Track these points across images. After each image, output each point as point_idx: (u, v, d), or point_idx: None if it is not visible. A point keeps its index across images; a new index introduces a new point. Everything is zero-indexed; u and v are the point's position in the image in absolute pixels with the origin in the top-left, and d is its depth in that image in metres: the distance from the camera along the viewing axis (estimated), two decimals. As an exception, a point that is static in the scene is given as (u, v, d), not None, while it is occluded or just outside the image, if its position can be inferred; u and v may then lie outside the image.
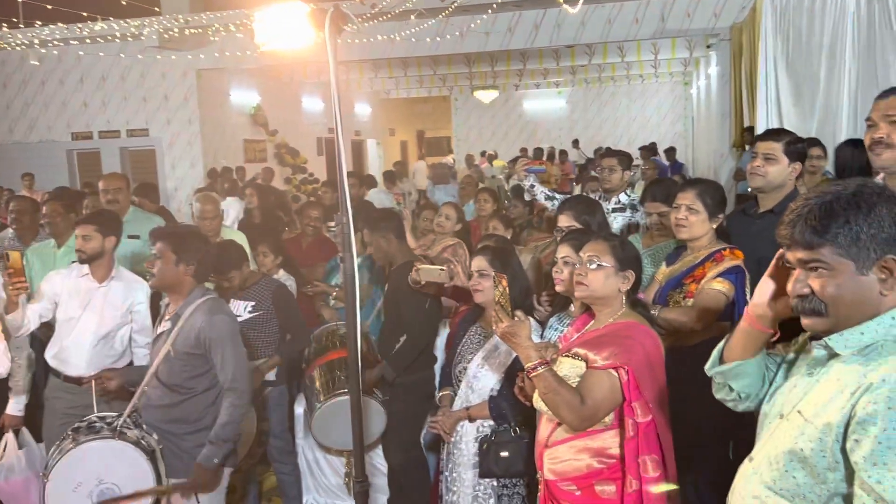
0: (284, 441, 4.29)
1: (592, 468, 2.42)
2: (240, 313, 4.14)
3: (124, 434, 3.17)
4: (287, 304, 4.25)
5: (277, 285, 4.29)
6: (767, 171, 3.21)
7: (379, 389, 3.95)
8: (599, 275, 2.49)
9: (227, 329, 3.22)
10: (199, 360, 3.22)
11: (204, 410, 3.25)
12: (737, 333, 1.76)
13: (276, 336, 4.21)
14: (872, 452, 1.33)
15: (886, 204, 1.44)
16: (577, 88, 19.50)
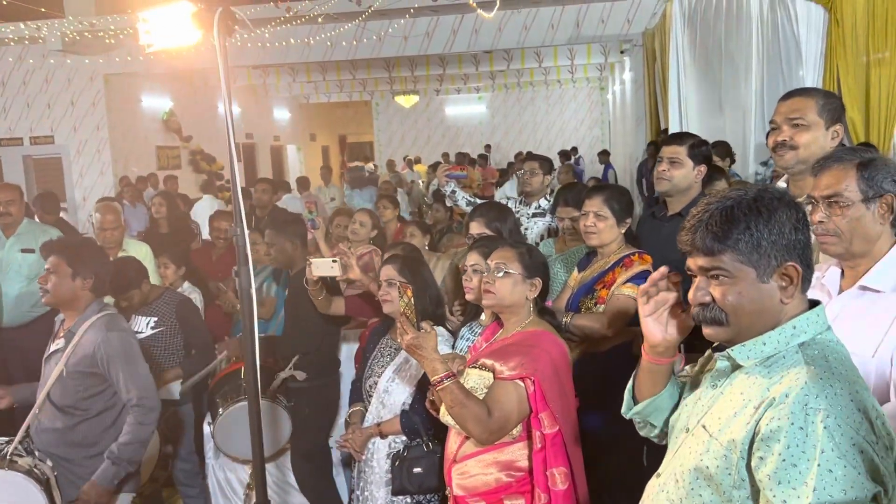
0: (192, 463, 4.12)
1: (501, 482, 2.36)
2: (142, 329, 3.98)
3: (14, 462, 2.98)
4: (191, 318, 4.11)
5: (181, 299, 4.14)
6: (673, 175, 3.24)
7: (283, 395, 3.85)
8: (507, 282, 2.44)
9: (126, 346, 3.07)
10: (94, 379, 3.04)
11: (101, 434, 3.07)
12: (641, 373, 1.73)
13: (180, 352, 4.07)
14: (776, 470, 1.29)
15: (787, 210, 1.42)
16: (496, 93, 19.65)
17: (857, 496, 1.23)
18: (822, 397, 1.29)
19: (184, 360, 4.06)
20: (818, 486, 1.24)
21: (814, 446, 1.26)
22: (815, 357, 1.37)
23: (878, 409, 1.34)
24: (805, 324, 1.42)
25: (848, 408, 1.28)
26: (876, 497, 1.26)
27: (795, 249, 1.41)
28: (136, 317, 4.00)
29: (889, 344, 1.79)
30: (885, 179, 1.88)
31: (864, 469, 1.25)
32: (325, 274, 3.42)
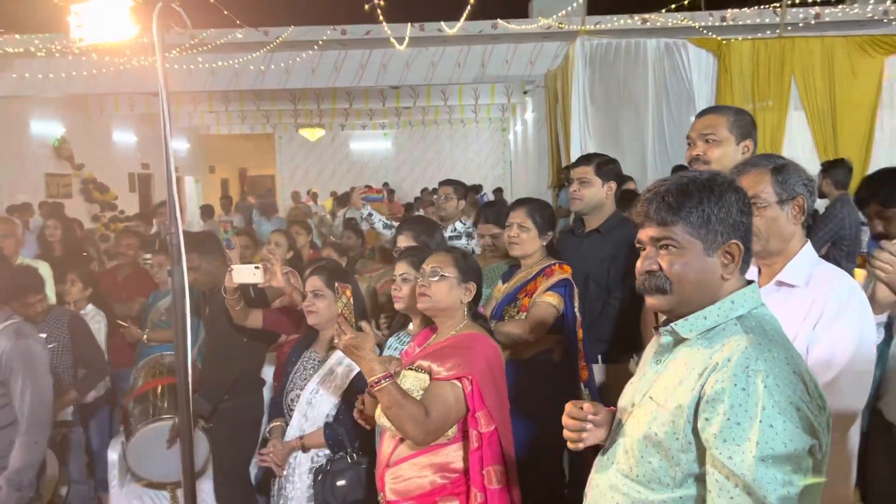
0: (86, 486, 3.95)
1: (436, 484, 2.36)
2: None
3: None
4: (83, 335, 4.01)
5: (72, 315, 4.04)
6: (583, 195, 3.41)
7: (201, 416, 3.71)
8: (443, 286, 2.48)
9: (35, 354, 2.92)
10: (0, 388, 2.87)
11: (5, 449, 2.87)
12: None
13: (70, 370, 3.94)
14: (722, 429, 1.37)
15: (735, 193, 1.53)
16: (402, 130, 19.85)
17: (796, 448, 1.34)
18: (762, 360, 1.39)
19: (77, 380, 3.92)
20: (761, 441, 1.33)
21: (755, 404, 1.35)
22: (752, 327, 1.47)
23: (811, 373, 1.45)
24: (742, 299, 1.53)
25: (785, 370, 1.38)
26: (811, 450, 1.37)
27: (739, 230, 1.52)
28: None
29: (804, 334, 1.94)
30: (798, 183, 2.05)
31: (800, 424, 1.35)
32: (246, 281, 3.32)
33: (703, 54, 7.84)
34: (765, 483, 1.33)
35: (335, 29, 10.55)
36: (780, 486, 1.33)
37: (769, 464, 1.33)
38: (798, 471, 1.34)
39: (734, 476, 1.35)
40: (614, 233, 3.35)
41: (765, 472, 1.33)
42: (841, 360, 1.93)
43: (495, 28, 10.22)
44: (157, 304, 4.77)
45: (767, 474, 1.33)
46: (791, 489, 1.33)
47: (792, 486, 1.33)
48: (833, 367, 1.92)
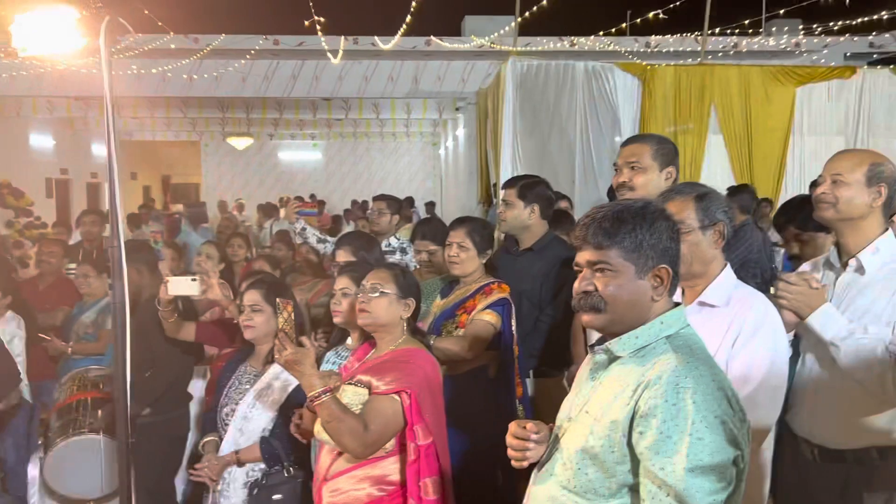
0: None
1: (373, 497, 2.42)
2: None
3: None
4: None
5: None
6: (507, 216, 3.58)
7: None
8: (382, 302, 2.54)
9: None
10: None
11: None
12: None
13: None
14: (654, 443, 1.49)
15: (666, 221, 1.66)
16: (332, 142, 19.76)
17: (721, 459, 1.47)
18: (690, 378, 1.51)
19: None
20: (690, 453, 1.46)
21: (685, 419, 1.47)
22: (680, 346, 1.60)
23: (733, 389, 1.58)
24: (671, 319, 1.65)
25: (710, 386, 1.51)
26: (735, 461, 1.50)
27: (668, 255, 1.64)
28: None
29: (724, 351, 2.09)
30: (718, 210, 2.21)
31: (726, 437, 1.48)
32: (182, 293, 3.29)
33: (628, 78, 8.14)
34: (694, 492, 1.45)
35: (267, 38, 10.50)
36: (708, 495, 1.45)
37: (698, 474, 1.45)
38: (723, 479, 1.47)
39: (666, 486, 1.47)
40: (546, 252, 3.48)
41: (693, 481, 1.45)
42: (757, 375, 2.08)
43: (429, 45, 10.36)
44: (82, 317, 4.66)
45: (696, 483, 1.45)
46: (717, 496, 1.46)
47: (718, 493, 1.46)
48: (750, 382, 2.07)
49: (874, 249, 2.29)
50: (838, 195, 2.30)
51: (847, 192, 2.29)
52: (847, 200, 2.29)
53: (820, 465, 2.36)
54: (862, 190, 2.28)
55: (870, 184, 2.28)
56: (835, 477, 2.33)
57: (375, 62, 10.94)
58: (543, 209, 3.53)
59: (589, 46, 10.32)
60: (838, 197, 2.30)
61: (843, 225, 2.34)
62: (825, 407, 2.34)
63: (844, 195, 2.29)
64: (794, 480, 2.48)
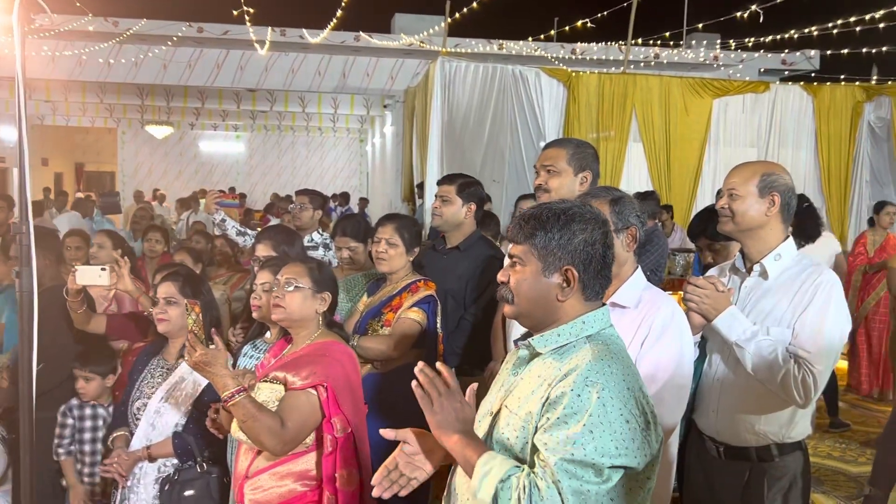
0: None
1: (295, 492, 2.40)
2: None
3: None
4: None
5: None
6: (444, 212, 3.58)
7: (3, 425, 3.50)
8: (297, 296, 2.52)
9: None
10: None
11: None
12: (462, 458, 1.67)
13: None
14: (551, 424, 1.53)
15: (583, 224, 1.68)
16: (256, 133, 19.42)
17: (596, 461, 1.49)
18: (601, 374, 1.56)
19: None
20: (574, 439, 1.49)
21: (585, 410, 1.51)
22: (598, 344, 1.65)
23: (645, 391, 1.63)
24: (593, 319, 1.70)
25: (620, 385, 1.56)
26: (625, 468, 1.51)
27: (579, 257, 1.68)
28: None
29: (633, 351, 2.16)
30: (631, 214, 2.28)
31: (621, 437, 1.51)
32: (91, 283, 3.17)
33: (554, 84, 8.29)
34: (565, 479, 1.47)
35: (191, 26, 10.25)
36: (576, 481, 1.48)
37: (576, 464, 1.48)
38: (598, 477, 1.49)
39: (547, 465, 1.50)
40: (473, 251, 3.51)
41: (568, 467, 1.48)
42: (664, 375, 2.16)
43: (358, 41, 10.30)
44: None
45: (570, 469, 1.48)
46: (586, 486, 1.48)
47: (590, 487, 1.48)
48: (657, 381, 2.14)
49: (777, 255, 2.41)
50: (734, 208, 2.41)
51: (742, 204, 2.39)
52: (742, 213, 2.40)
53: (725, 461, 2.47)
54: (755, 201, 2.39)
55: (762, 194, 2.39)
56: (738, 473, 2.44)
57: (303, 55, 10.83)
58: (478, 209, 3.57)
59: (517, 50, 10.47)
60: (734, 210, 2.41)
61: (744, 235, 2.45)
62: (730, 406, 2.44)
63: (740, 208, 2.40)
64: (699, 477, 2.58)
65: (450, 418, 1.67)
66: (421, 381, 1.72)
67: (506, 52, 10.63)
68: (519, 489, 1.50)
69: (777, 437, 2.39)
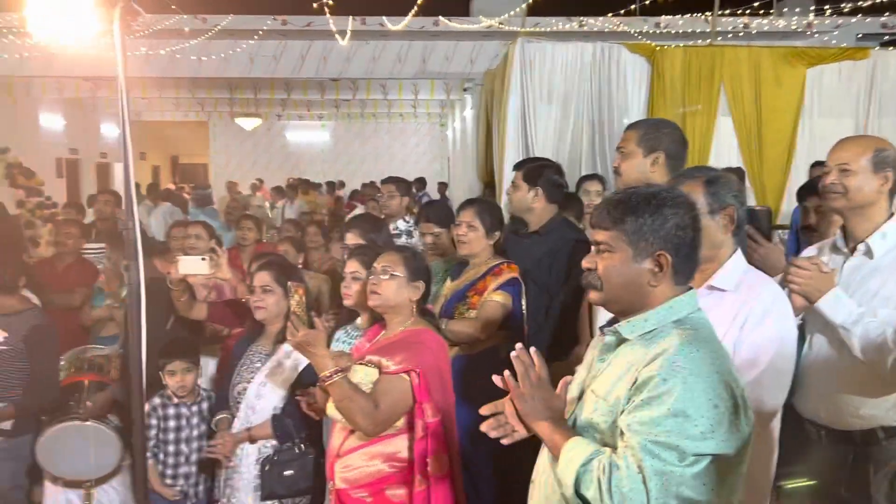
0: (12, 501, 3.73)
1: (384, 472, 2.48)
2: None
3: None
4: (42, 347, 3.66)
5: (37, 324, 3.68)
6: (512, 198, 3.60)
7: (115, 414, 3.68)
8: (392, 284, 2.58)
9: None
10: None
11: None
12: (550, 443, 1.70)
13: (19, 379, 3.62)
14: (635, 406, 1.54)
15: (675, 209, 1.66)
16: (340, 122, 19.70)
17: (680, 445, 1.48)
18: (688, 358, 1.54)
19: (22, 394, 3.61)
20: (658, 421, 1.49)
21: (670, 393, 1.50)
22: (686, 329, 1.63)
23: (735, 376, 1.60)
24: (680, 304, 1.67)
25: (708, 369, 1.53)
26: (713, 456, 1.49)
27: (671, 242, 1.65)
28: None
29: (733, 335, 2.10)
30: (728, 194, 2.21)
31: (707, 425, 1.48)
32: (193, 272, 3.32)
33: (637, 60, 8.08)
34: (648, 461, 1.47)
35: (276, 19, 10.49)
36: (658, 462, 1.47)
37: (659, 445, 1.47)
38: (683, 461, 1.47)
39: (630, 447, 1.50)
40: (553, 235, 3.49)
41: (651, 447, 1.48)
42: (765, 358, 2.09)
43: (437, 25, 10.32)
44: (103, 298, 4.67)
45: (652, 450, 1.48)
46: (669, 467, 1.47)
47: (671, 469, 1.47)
48: (758, 365, 2.08)
49: (883, 234, 2.31)
50: (847, 184, 2.32)
51: (855, 180, 2.31)
52: (856, 189, 2.31)
53: (826, 445, 2.40)
54: (869, 177, 2.30)
55: (876, 170, 2.30)
56: (842, 457, 2.37)
57: (383, 43, 10.92)
58: (549, 193, 3.51)
59: (598, 27, 10.26)
60: (847, 186, 2.32)
61: (852, 212, 2.36)
62: (833, 389, 2.37)
63: (853, 184, 2.31)
64: (798, 461, 2.51)
65: (539, 407, 1.70)
66: (516, 368, 1.73)
67: (587, 28, 10.43)
68: (598, 471, 1.51)
69: (885, 421, 2.30)
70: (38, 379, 3.63)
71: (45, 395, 3.66)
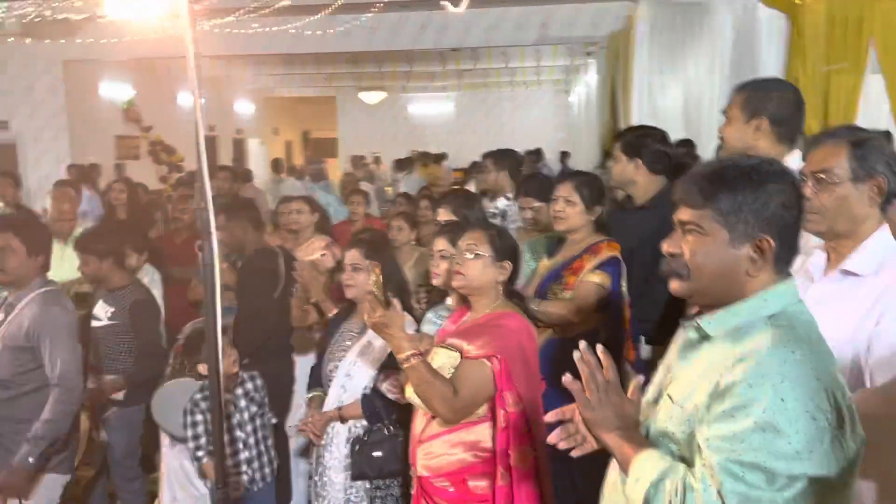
0: (127, 466, 3.98)
1: (465, 462, 2.37)
2: (100, 317, 3.88)
3: None
4: (144, 319, 3.89)
5: (139, 298, 3.93)
6: (613, 171, 3.41)
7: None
8: (477, 264, 2.44)
9: (60, 322, 3.06)
10: (28, 354, 3.03)
11: (33, 411, 3.02)
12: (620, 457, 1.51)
13: (127, 351, 3.86)
14: (715, 416, 1.32)
15: (780, 185, 1.40)
16: (463, 92, 19.62)
17: (769, 465, 1.24)
18: (781, 362, 1.30)
19: (129, 366, 3.85)
20: (743, 437, 1.26)
21: (756, 402, 1.27)
22: (781, 325, 1.37)
23: (840, 381, 1.35)
24: (775, 296, 1.42)
25: (805, 376, 1.29)
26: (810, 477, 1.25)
27: (775, 225, 1.39)
28: (101, 302, 3.90)
29: (866, 328, 1.80)
30: (879, 161, 1.86)
31: (802, 442, 1.25)
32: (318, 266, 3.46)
33: (773, 15, 7.43)
34: (728, 483, 1.26)
35: (395, -10, 10.46)
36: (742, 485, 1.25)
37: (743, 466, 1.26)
38: (772, 484, 1.25)
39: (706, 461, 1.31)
40: (661, 209, 3.22)
41: (733, 468, 1.26)
42: None
43: (557, -12, 9.97)
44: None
45: (735, 471, 1.26)
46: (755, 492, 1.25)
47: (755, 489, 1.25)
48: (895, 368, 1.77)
49: None
50: None
51: None
52: None
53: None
54: None
55: None
56: None
57: (503, 9, 10.68)
58: (651, 163, 3.23)
59: (731, -18, 9.53)
60: None
61: None
62: None
63: None
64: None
65: (608, 415, 1.49)
66: (580, 371, 1.54)
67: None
68: (671, 492, 1.31)
69: None
70: (144, 350, 3.84)
71: (151, 365, 3.84)
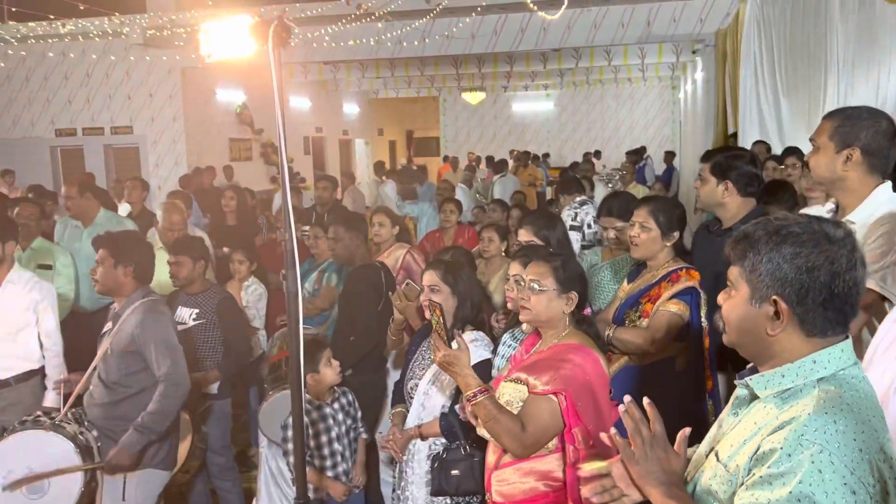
0: (225, 458, 4.21)
1: (538, 491, 2.38)
2: (185, 320, 4.14)
3: (62, 428, 3.24)
4: (231, 315, 4.19)
5: (223, 297, 4.23)
6: (700, 192, 3.25)
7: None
8: (542, 298, 2.44)
9: (161, 328, 3.30)
10: (134, 358, 3.29)
11: (139, 412, 3.27)
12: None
13: (218, 347, 4.15)
14: (753, 483, 1.31)
15: (798, 247, 1.39)
16: (565, 91, 19.42)
17: None
18: (821, 431, 1.27)
19: (221, 360, 4.12)
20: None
21: (794, 474, 1.25)
22: (829, 391, 1.34)
23: (890, 454, 1.30)
24: (826, 359, 1.39)
25: (847, 447, 1.25)
26: None
27: (791, 286, 1.38)
28: (182, 308, 4.16)
29: None
30: None
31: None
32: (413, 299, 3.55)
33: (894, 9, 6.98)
34: None
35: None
36: None
37: None
38: None
39: None
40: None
41: None
42: None
43: (663, -15, 9.72)
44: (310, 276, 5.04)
45: None
46: None
47: None
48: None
49: None
50: None
51: None
52: None
53: None
54: None
55: None
56: None
57: (605, 8, 10.49)
58: (741, 186, 3.12)
59: (848, -27, 9.01)
60: None
61: None
62: None
63: None
64: None
65: (654, 469, 1.50)
66: (625, 423, 1.55)
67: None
68: None
69: None
70: (231, 345, 4.14)
71: (239, 358, 4.18)
